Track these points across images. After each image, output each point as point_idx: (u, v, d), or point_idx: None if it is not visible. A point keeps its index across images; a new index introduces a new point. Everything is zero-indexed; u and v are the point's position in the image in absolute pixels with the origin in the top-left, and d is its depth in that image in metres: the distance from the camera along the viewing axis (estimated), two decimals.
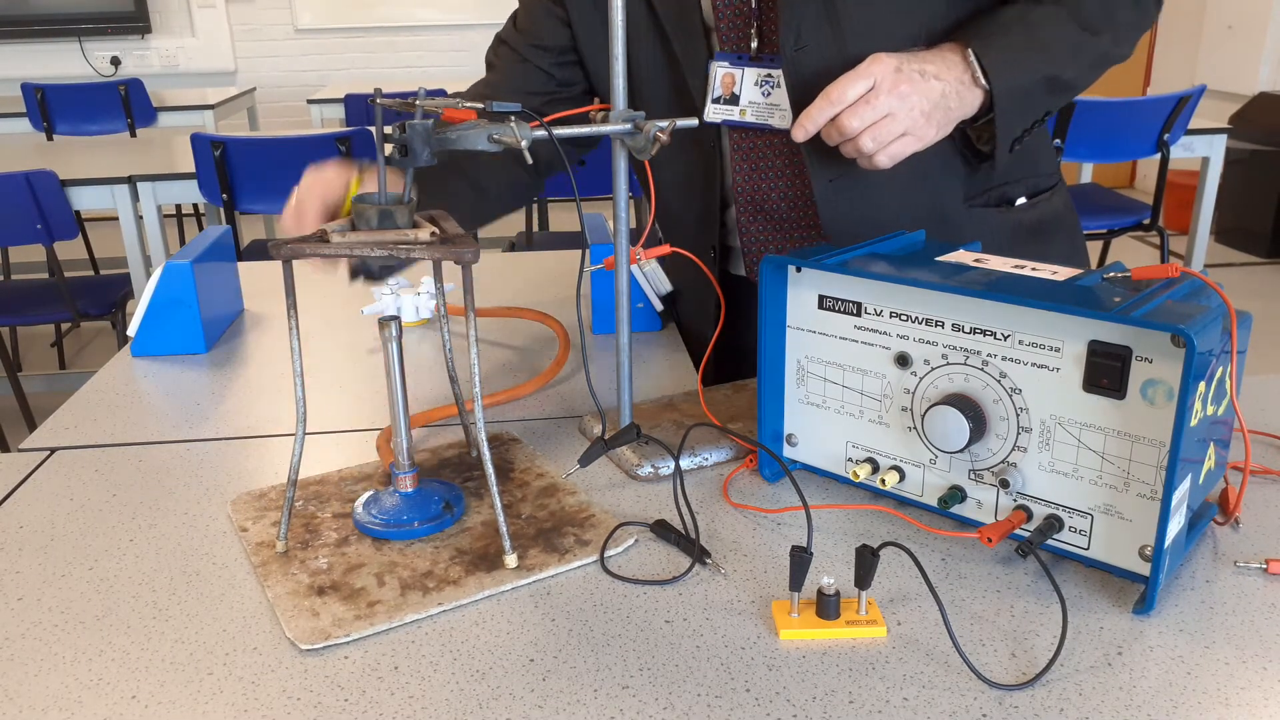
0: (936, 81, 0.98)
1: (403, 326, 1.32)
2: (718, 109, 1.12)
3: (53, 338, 3.97)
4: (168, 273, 1.23)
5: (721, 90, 1.11)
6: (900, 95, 0.95)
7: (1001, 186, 1.16)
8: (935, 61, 0.99)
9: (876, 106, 0.95)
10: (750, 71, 1.10)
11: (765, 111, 1.10)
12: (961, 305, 0.76)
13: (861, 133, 0.96)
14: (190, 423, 1.06)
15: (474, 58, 6.07)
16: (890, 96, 0.95)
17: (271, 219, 4.67)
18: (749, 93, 1.10)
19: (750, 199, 1.17)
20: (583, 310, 1.36)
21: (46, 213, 2.74)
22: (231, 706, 0.63)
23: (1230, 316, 0.72)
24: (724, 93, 1.11)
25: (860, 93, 0.95)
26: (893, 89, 0.95)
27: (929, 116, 0.97)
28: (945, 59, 0.99)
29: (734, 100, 1.11)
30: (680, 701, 0.62)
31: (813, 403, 0.88)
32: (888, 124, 0.96)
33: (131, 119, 4.38)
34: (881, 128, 0.96)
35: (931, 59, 0.99)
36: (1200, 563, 0.76)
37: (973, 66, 0.99)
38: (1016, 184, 1.17)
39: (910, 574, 0.75)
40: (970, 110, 1.01)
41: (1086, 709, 0.61)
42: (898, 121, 0.96)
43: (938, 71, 0.98)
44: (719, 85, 1.11)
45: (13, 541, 0.83)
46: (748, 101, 1.10)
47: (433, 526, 0.82)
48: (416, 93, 0.77)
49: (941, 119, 0.99)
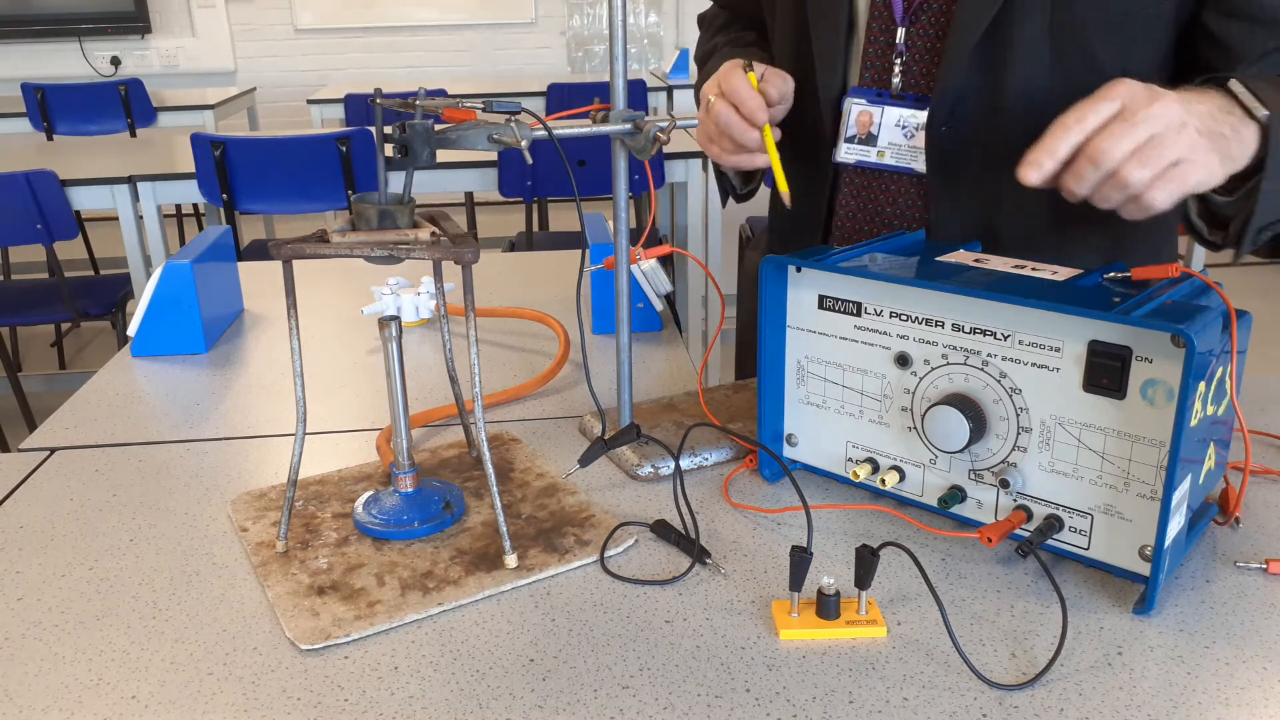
0: (1199, 104, 0.78)
1: (403, 326, 1.32)
2: (852, 149, 1.05)
3: (53, 338, 3.97)
4: (168, 273, 1.23)
5: (857, 129, 1.04)
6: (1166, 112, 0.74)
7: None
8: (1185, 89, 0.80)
9: (1139, 127, 0.74)
10: (890, 111, 1.02)
11: (908, 155, 1.03)
12: (961, 305, 0.76)
13: (1126, 160, 0.74)
14: (190, 423, 1.06)
15: (474, 58, 6.08)
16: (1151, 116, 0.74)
17: (272, 219, 4.68)
18: (889, 134, 1.02)
19: (849, 236, 1.10)
20: (583, 310, 1.36)
21: (46, 213, 2.74)
22: (231, 706, 0.63)
23: (1230, 316, 0.72)
24: (859, 132, 1.04)
25: (1109, 114, 0.75)
26: (1148, 105, 0.74)
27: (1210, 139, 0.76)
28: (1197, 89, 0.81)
29: (870, 140, 1.04)
30: (680, 701, 0.62)
31: (813, 403, 0.88)
32: (1156, 148, 0.74)
33: (131, 119, 4.38)
34: (1149, 152, 0.74)
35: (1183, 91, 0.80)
36: (1200, 563, 0.76)
37: (1239, 95, 0.81)
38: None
39: (910, 574, 0.75)
40: (1247, 148, 0.80)
41: (1086, 709, 0.61)
42: (1168, 146, 0.74)
43: (1190, 98, 0.78)
44: (853, 123, 1.04)
45: (13, 541, 0.83)
46: (887, 143, 1.03)
47: (433, 526, 0.82)
48: (416, 93, 0.77)
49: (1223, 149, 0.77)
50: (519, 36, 6.07)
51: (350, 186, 2.83)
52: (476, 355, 0.75)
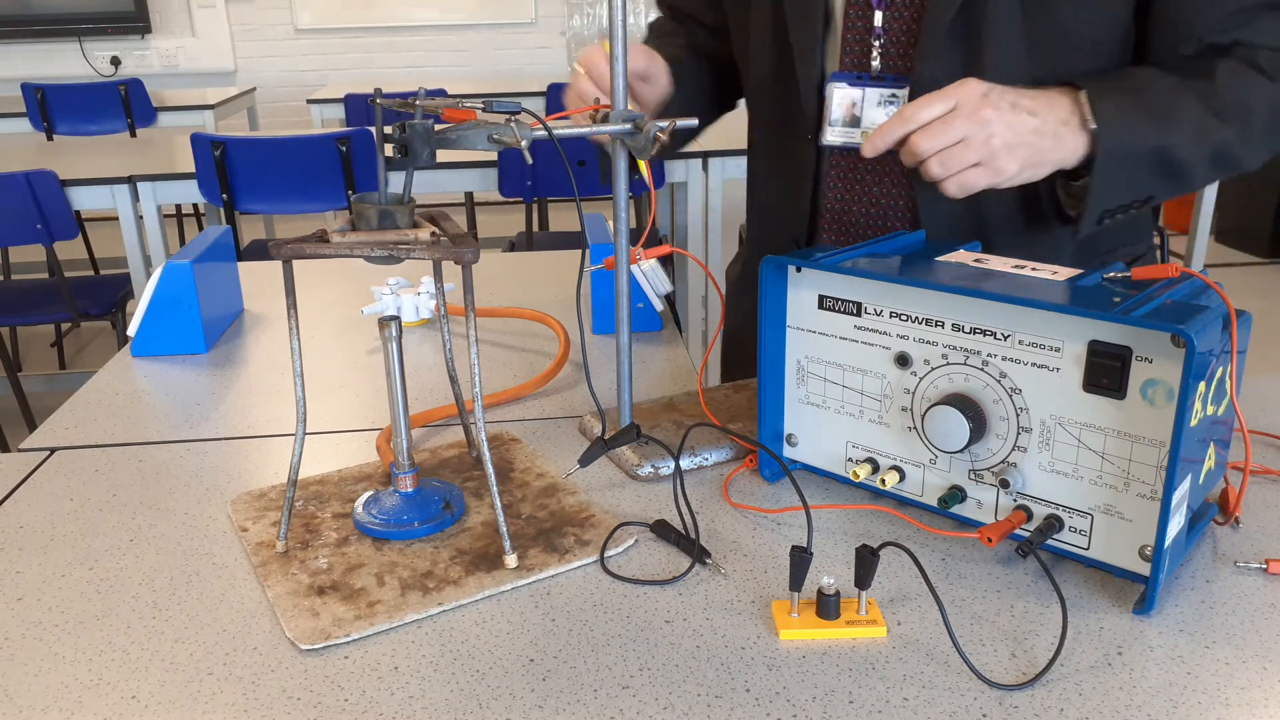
0: (1030, 117, 0.90)
1: (403, 326, 1.32)
2: (838, 132, 1.06)
3: (53, 338, 3.97)
4: (168, 273, 1.23)
5: (840, 113, 1.06)
6: (981, 121, 0.88)
7: (1105, 254, 1.10)
8: (1037, 98, 0.91)
9: (950, 130, 0.88)
10: (872, 92, 1.04)
11: None
12: (961, 305, 0.76)
13: (930, 157, 0.89)
14: (190, 423, 1.06)
15: (474, 58, 6.08)
16: (969, 121, 0.88)
17: (272, 219, 4.68)
18: (872, 114, 1.04)
19: (837, 218, 1.12)
20: (583, 310, 1.36)
21: (46, 213, 2.74)
22: (231, 706, 0.63)
23: (1230, 316, 0.72)
24: (844, 115, 1.06)
25: (937, 114, 0.88)
26: (973, 114, 0.88)
27: (1011, 150, 0.89)
28: (1050, 98, 0.92)
29: (855, 123, 1.05)
30: (680, 701, 0.62)
31: (813, 403, 0.88)
32: (960, 150, 0.88)
33: (131, 119, 4.38)
34: (952, 154, 0.88)
35: (1034, 95, 0.91)
36: (1200, 563, 0.76)
37: (1082, 108, 0.92)
38: (1112, 253, 1.12)
39: (910, 574, 0.75)
40: (1068, 156, 0.92)
41: (1086, 709, 0.61)
42: (971, 150, 0.88)
43: (1035, 108, 0.90)
44: (836, 106, 1.06)
45: (13, 541, 0.83)
46: (871, 123, 1.04)
47: (433, 526, 0.82)
48: (416, 93, 0.77)
49: (1028, 157, 0.90)
50: (519, 36, 6.07)
51: (350, 186, 2.83)
52: (476, 355, 0.75)
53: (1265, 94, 0.95)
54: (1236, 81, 0.95)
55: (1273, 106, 0.96)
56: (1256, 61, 0.95)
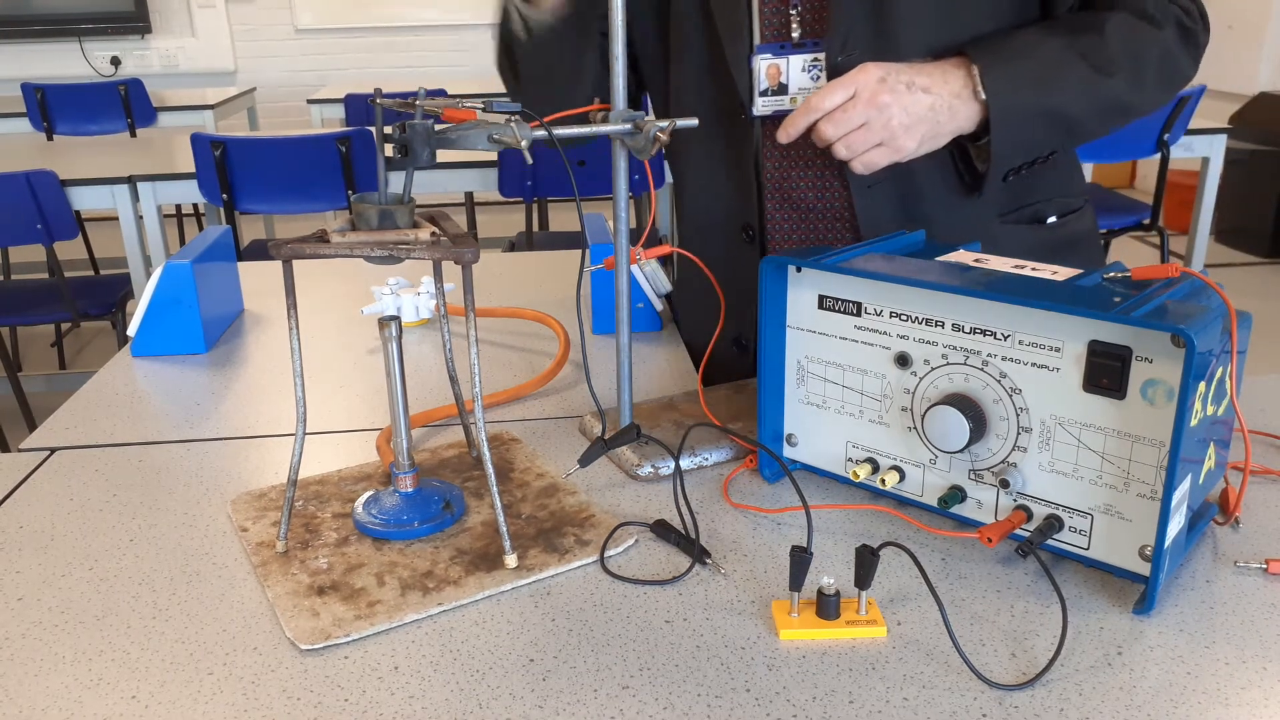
0: (924, 95, 0.98)
1: (403, 326, 1.32)
2: (768, 101, 1.11)
3: (53, 338, 3.97)
4: (168, 273, 1.23)
5: (768, 82, 1.11)
6: (879, 106, 0.96)
7: (1035, 204, 1.16)
8: (931, 74, 0.99)
9: (851, 117, 0.97)
10: (795, 59, 1.09)
11: None
12: (961, 305, 0.76)
13: (836, 142, 0.98)
14: (190, 423, 1.06)
15: (474, 58, 6.07)
16: (868, 107, 0.96)
17: (272, 219, 4.68)
18: (797, 79, 1.09)
19: (779, 187, 1.17)
20: (583, 310, 1.36)
21: (46, 213, 2.74)
22: (231, 706, 0.63)
23: (1230, 316, 0.72)
24: (770, 84, 1.11)
25: (839, 102, 0.97)
26: (871, 100, 0.96)
27: (909, 130, 0.98)
28: (945, 72, 1.00)
29: (782, 90, 1.10)
30: (680, 701, 0.62)
31: (813, 403, 0.88)
32: (862, 134, 0.97)
33: (131, 119, 4.38)
34: (855, 138, 0.98)
35: (928, 71, 0.99)
36: (1200, 563, 0.76)
37: (974, 80, 0.99)
38: (1049, 202, 1.17)
39: (910, 574, 0.75)
40: (964, 125, 1.01)
41: (1086, 709, 0.61)
42: (873, 132, 0.97)
43: (929, 84, 0.98)
44: (764, 77, 1.11)
45: (13, 541, 0.83)
46: (797, 89, 1.09)
47: (433, 526, 0.82)
48: (416, 93, 0.77)
49: (926, 132, 0.99)
50: None
51: (350, 186, 2.83)
52: (476, 355, 0.75)
53: (1154, 42, 1.02)
54: (1125, 33, 1.02)
55: (1163, 53, 1.03)
56: (1145, 10, 1.02)
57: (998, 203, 1.13)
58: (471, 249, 0.73)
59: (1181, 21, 1.04)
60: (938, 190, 1.10)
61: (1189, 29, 1.04)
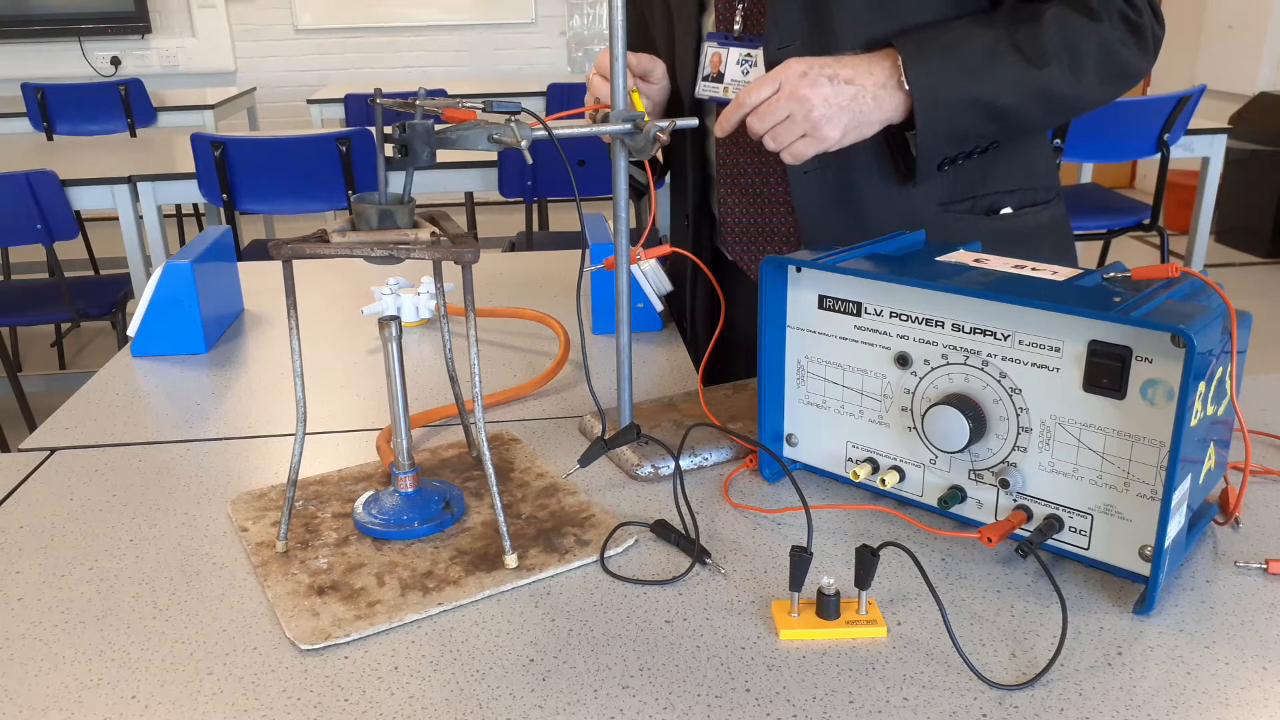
0: (847, 86, 1.00)
1: (403, 326, 1.32)
2: (706, 87, 1.16)
3: (53, 338, 3.97)
4: (168, 273, 1.23)
5: (710, 69, 1.15)
6: (800, 99, 0.99)
7: (990, 195, 1.16)
8: (855, 66, 1.01)
9: (776, 110, 1.00)
10: (734, 51, 1.14)
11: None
12: (961, 305, 0.76)
13: (764, 134, 1.02)
14: (190, 423, 1.06)
15: (474, 58, 6.07)
16: (790, 100, 0.99)
17: (272, 219, 4.68)
18: (731, 71, 1.14)
19: (730, 173, 1.21)
20: (583, 310, 1.36)
21: (46, 213, 2.74)
22: (231, 706, 0.63)
23: (1230, 316, 0.72)
24: (711, 71, 1.15)
25: (764, 97, 1.00)
26: (793, 93, 0.99)
27: (830, 120, 1.00)
28: (870, 63, 1.02)
29: (719, 79, 1.15)
30: (680, 701, 0.62)
31: (813, 403, 0.88)
32: (787, 126, 1.01)
33: (131, 119, 4.38)
34: (781, 130, 1.01)
35: (853, 64, 1.01)
36: (1200, 563, 0.76)
37: (899, 71, 1.01)
38: (1009, 194, 1.17)
39: (910, 574, 0.75)
40: (892, 115, 1.03)
41: (1086, 709, 0.61)
42: (796, 124, 1.00)
43: (853, 76, 1.01)
44: (707, 64, 1.16)
45: (13, 541, 0.83)
46: (730, 80, 1.14)
47: (433, 526, 0.82)
48: (416, 93, 0.77)
49: (849, 121, 1.01)
50: (519, 36, 6.07)
51: (350, 186, 2.83)
52: (476, 355, 0.75)
53: (1093, 33, 1.02)
54: (1061, 24, 1.02)
55: (1103, 45, 1.03)
56: (1084, 3, 1.03)
57: (940, 191, 1.14)
58: (471, 249, 0.73)
59: (1126, 14, 1.03)
60: (873, 178, 1.12)
61: (1135, 22, 1.03)
